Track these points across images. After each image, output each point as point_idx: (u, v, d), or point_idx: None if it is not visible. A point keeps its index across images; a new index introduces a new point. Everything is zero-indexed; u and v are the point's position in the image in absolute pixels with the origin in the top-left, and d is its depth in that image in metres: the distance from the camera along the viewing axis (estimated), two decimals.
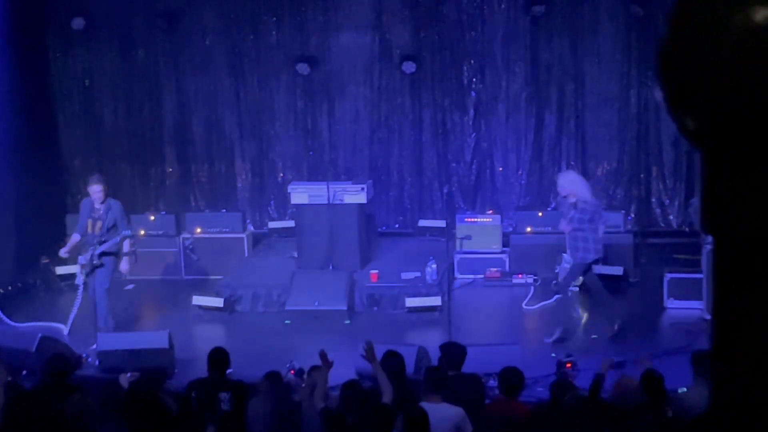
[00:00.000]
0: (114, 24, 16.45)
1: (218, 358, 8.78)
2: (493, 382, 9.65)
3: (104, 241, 12.20)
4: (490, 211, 15.71)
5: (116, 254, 12.34)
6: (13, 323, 13.30)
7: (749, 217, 1.48)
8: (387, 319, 13.38)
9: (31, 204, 15.35)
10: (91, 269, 12.18)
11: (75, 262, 15.10)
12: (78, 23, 15.96)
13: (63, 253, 12.86)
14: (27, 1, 15.70)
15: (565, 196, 12.19)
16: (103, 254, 12.21)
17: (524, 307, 13.73)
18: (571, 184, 12.01)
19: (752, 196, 1.47)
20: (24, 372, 10.80)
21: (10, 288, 14.74)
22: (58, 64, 16.60)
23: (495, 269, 14.62)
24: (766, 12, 1.41)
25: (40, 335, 11.27)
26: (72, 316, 12.68)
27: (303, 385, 9.05)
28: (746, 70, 1.42)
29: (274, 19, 16.53)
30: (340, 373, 8.75)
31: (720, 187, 1.52)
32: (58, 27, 16.31)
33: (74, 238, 12.68)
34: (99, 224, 12.28)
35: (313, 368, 8.89)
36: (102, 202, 12.35)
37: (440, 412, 7.65)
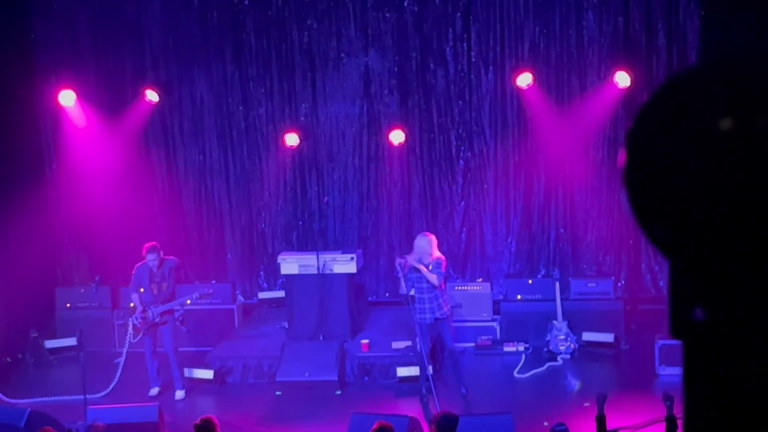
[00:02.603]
0: (104, 96, 16.53)
1: (205, 428, 8.72)
2: None
3: (167, 301, 13.15)
4: (480, 279, 15.74)
5: (173, 311, 13.26)
6: (2, 398, 13.20)
7: (716, 323, 1.50)
8: (378, 389, 13.33)
9: (19, 277, 15.30)
10: (150, 327, 13.13)
11: (65, 335, 15.14)
12: (68, 97, 16.01)
13: (139, 317, 13.21)
14: (15, 74, 15.79)
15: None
16: (164, 312, 13.20)
17: (516, 375, 13.68)
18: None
19: (718, 302, 1.49)
20: None
21: None
22: (48, 137, 16.65)
23: (486, 337, 14.60)
24: (730, 123, 1.44)
25: (29, 410, 11.18)
26: (117, 375, 13.36)
27: None
28: (712, 180, 1.44)
29: (263, 90, 16.66)
30: None
31: (686, 292, 1.54)
32: (47, 100, 16.37)
33: (135, 299, 13.34)
34: (164, 285, 13.23)
35: None
36: (158, 268, 13.14)
37: None
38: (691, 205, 1.47)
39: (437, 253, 12.46)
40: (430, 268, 12.27)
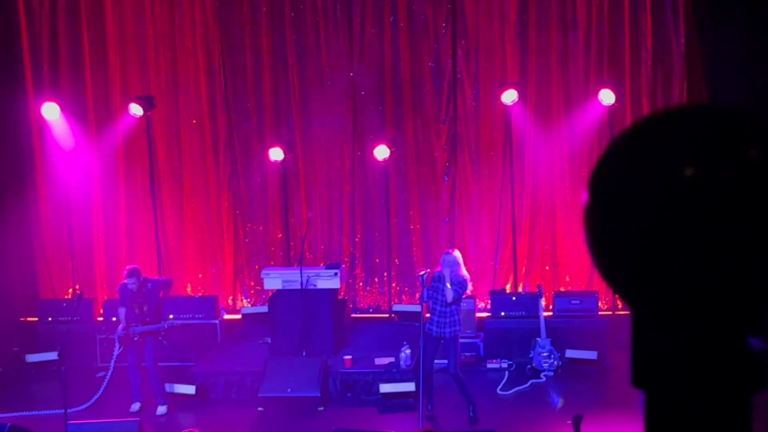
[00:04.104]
0: (88, 110, 16.49)
1: None
2: None
3: (148, 322, 13.11)
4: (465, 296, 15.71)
5: (156, 333, 13.18)
6: None
7: (676, 374, 1.49)
8: (361, 405, 13.28)
9: (1, 291, 15.22)
10: (129, 344, 13.11)
11: (47, 349, 15.04)
12: (52, 110, 15.92)
13: (121, 332, 13.23)
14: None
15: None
16: (143, 333, 13.14)
17: (499, 392, 13.66)
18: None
19: (678, 354, 1.48)
20: None
21: None
22: (31, 151, 16.59)
23: (469, 354, 14.56)
24: (694, 171, 1.42)
25: (8, 425, 11.12)
26: (102, 387, 13.35)
27: None
28: (674, 229, 1.42)
29: (248, 104, 16.63)
30: None
31: (648, 342, 1.53)
32: (31, 113, 16.31)
33: (121, 313, 13.29)
34: (145, 307, 13.16)
35: None
36: (138, 290, 13.07)
37: None
38: (652, 253, 1.45)
39: (464, 272, 12.41)
40: (449, 286, 12.22)
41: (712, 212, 1.39)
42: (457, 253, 12.54)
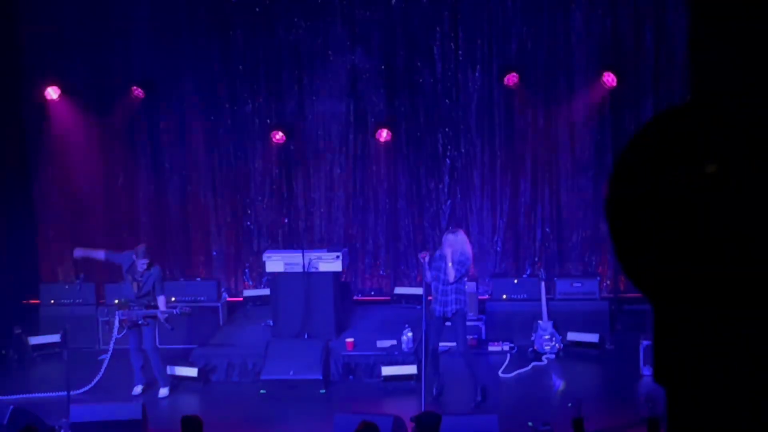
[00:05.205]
0: (90, 94, 16.47)
1: (190, 425, 8.73)
2: None
3: (149, 306, 13.14)
4: (466, 278, 15.72)
5: (155, 316, 13.22)
6: None
7: (697, 369, 1.48)
8: (363, 388, 13.31)
9: (3, 274, 15.24)
10: (132, 326, 13.15)
11: (49, 332, 15.06)
12: (53, 92, 15.93)
13: (77, 253, 13.65)
14: (0, 71, 15.74)
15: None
16: (146, 316, 13.19)
17: (500, 375, 13.68)
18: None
19: (698, 349, 1.47)
20: None
21: None
22: (33, 134, 16.58)
23: (471, 337, 14.57)
24: (715, 166, 1.42)
25: (12, 407, 11.13)
26: (103, 369, 13.33)
27: None
28: (696, 223, 1.41)
29: (250, 88, 16.60)
30: None
31: (670, 337, 1.52)
32: (33, 96, 16.30)
33: (98, 254, 13.66)
34: (142, 286, 13.18)
35: None
36: (147, 270, 13.19)
37: None
38: (675, 248, 1.45)
39: (467, 250, 12.40)
40: (450, 264, 12.22)
41: (734, 207, 1.38)
42: (460, 232, 12.54)
